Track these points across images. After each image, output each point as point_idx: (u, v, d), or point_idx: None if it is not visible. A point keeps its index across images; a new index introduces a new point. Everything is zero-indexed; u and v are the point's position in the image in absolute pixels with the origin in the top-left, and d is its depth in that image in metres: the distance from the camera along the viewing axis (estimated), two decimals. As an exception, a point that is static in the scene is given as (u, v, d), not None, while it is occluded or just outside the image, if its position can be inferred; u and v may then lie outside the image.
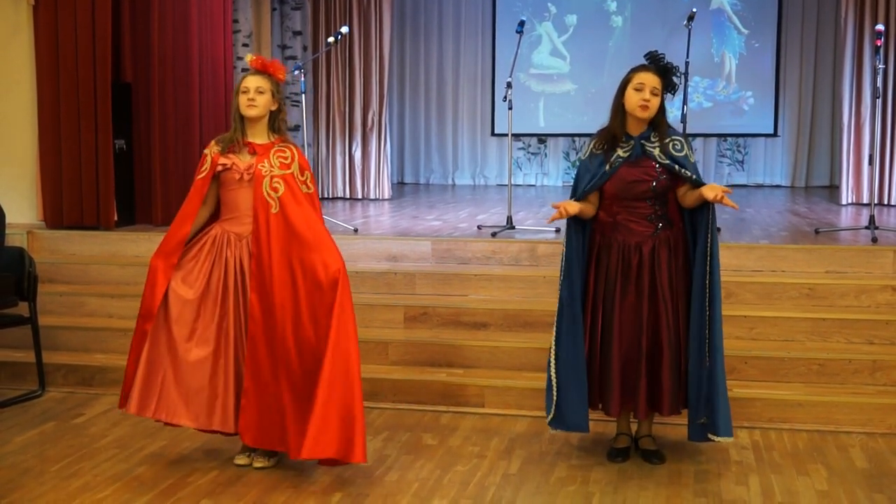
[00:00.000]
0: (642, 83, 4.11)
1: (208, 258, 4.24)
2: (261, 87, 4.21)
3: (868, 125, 8.61)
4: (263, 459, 4.31)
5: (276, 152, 4.23)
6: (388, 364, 5.47)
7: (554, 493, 4.04)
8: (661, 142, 4.17)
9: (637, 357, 4.22)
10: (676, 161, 4.14)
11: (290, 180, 4.19)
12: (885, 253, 5.89)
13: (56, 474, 4.25)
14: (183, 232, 4.24)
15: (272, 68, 4.28)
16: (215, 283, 4.23)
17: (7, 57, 7.21)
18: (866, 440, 4.70)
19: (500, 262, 6.28)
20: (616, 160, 4.17)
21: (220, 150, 4.25)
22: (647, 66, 4.17)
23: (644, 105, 4.10)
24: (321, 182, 9.94)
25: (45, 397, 5.48)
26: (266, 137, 4.28)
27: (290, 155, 4.24)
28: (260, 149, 4.23)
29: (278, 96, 4.28)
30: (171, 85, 7.30)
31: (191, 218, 4.25)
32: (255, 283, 4.14)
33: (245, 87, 4.21)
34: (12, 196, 6.93)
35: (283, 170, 4.20)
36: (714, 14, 10.96)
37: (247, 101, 4.20)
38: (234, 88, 4.33)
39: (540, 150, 11.47)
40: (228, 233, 4.25)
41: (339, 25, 9.49)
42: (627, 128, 4.20)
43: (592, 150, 4.25)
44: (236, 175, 4.20)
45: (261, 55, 4.39)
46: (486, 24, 11.50)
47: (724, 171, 11.02)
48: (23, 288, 5.46)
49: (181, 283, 4.22)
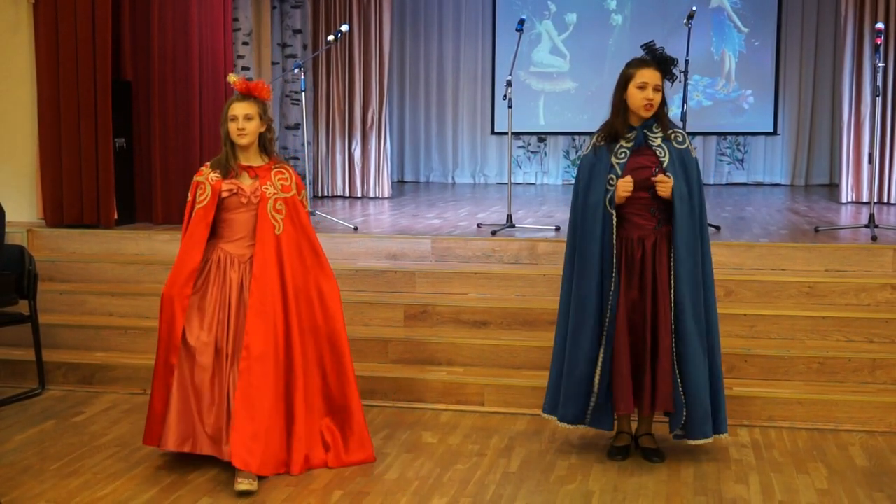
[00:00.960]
0: (645, 82, 4.13)
1: (216, 283, 4.26)
2: (249, 113, 4.22)
3: (868, 123, 8.61)
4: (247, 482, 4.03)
5: (276, 174, 4.29)
6: (388, 362, 5.47)
7: (554, 492, 4.04)
8: (664, 132, 4.19)
9: (642, 353, 4.23)
10: (674, 154, 4.17)
11: (290, 202, 4.27)
12: (885, 251, 5.89)
13: (56, 472, 4.25)
14: (194, 264, 4.24)
15: (256, 91, 4.26)
16: (225, 307, 4.23)
17: (7, 55, 7.20)
18: (866, 438, 4.70)
19: (500, 261, 6.28)
20: (621, 151, 4.19)
21: (219, 177, 4.24)
22: (646, 61, 4.18)
23: (649, 104, 4.14)
24: (321, 181, 9.94)
25: (45, 395, 5.48)
26: (260, 159, 4.31)
27: (288, 176, 4.32)
28: (260, 171, 4.27)
29: (265, 118, 4.29)
30: (171, 83, 7.30)
31: (200, 249, 4.25)
32: (256, 304, 4.16)
33: (233, 116, 4.21)
34: (12, 194, 6.93)
35: (286, 192, 4.27)
36: (714, 12, 10.96)
37: (237, 130, 4.21)
38: (221, 115, 4.29)
39: (540, 149, 11.47)
40: (230, 255, 4.27)
41: (339, 24, 9.48)
42: (630, 120, 4.22)
43: (595, 142, 4.28)
44: (242, 199, 4.23)
45: (243, 77, 4.36)
46: (486, 23, 11.50)
47: (723, 169, 11.02)
48: (23, 286, 5.46)
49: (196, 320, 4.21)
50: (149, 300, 6.03)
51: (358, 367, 5.29)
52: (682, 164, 4.19)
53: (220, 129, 4.29)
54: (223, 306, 4.22)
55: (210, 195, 4.24)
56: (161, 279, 6.21)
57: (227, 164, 4.26)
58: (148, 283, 6.32)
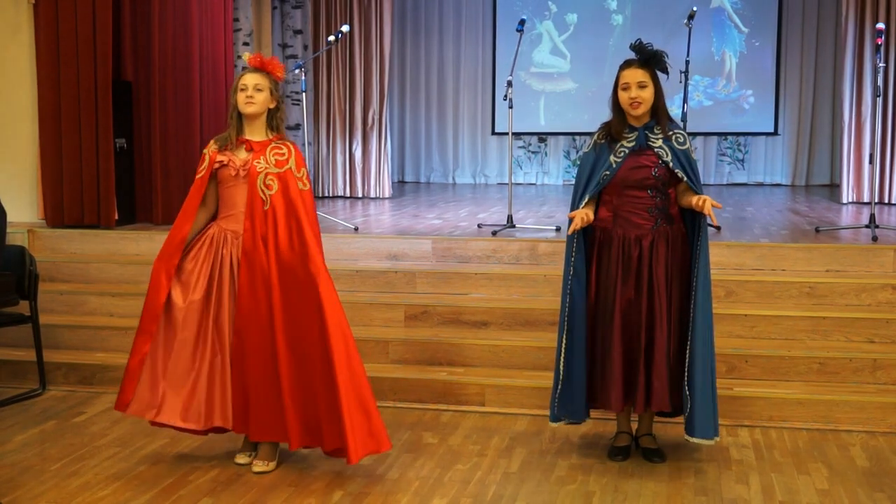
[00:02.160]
0: (627, 82, 4.16)
1: (207, 258, 4.25)
2: (259, 84, 4.20)
3: (868, 124, 8.61)
4: (262, 464, 4.27)
5: (273, 149, 4.24)
6: (389, 363, 5.47)
7: (554, 492, 4.04)
8: (665, 133, 4.19)
9: (637, 351, 4.22)
10: (677, 154, 4.17)
11: (285, 177, 4.18)
12: (886, 251, 5.89)
13: (56, 473, 4.25)
14: (182, 233, 4.25)
15: (270, 66, 4.26)
16: (214, 282, 4.23)
17: (7, 56, 7.21)
18: (867, 439, 4.70)
19: (501, 261, 6.28)
20: (621, 150, 4.19)
21: (217, 148, 4.25)
22: (628, 62, 4.21)
23: (635, 103, 4.15)
24: (322, 181, 9.94)
25: (45, 396, 5.48)
26: (264, 135, 4.27)
27: (286, 152, 4.24)
28: (256, 146, 4.23)
29: (276, 94, 4.27)
30: (171, 83, 7.30)
31: (190, 218, 4.25)
32: (245, 280, 4.15)
33: (243, 85, 4.20)
34: (13, 194, 6.93)
35: (279, 167, 4.20)
36: (714, 12, 10.96)
37: (245, 98, 4.18)
38: (232, 86, 4.30)
39: (540, 149, 11.47)
40: (225, 231, 4.25)
41: (339, 24, 9.49)
42: (629, 120, 4.23)
43: (596, 140, 4.28)
44: (232, 171, 4.20)
45: (260, 53, 4.37)
46: (486, 23, 11.50)
47: (724, 169, 11.02)
48: (23, 286, 5.46)
49: (181, 290, 4.22)
50: (149, 300, 6.04)
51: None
52: (689, 165, 4.18)
53: (230, 101, 4.27)
54: (212, 281, 4.21)
55: (206, 166, 4.25)
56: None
57: (230, 135, 4.24)
58: (148, 283, 6.30)
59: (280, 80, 4.32)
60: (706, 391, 4.19)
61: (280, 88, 4.37)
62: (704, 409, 4.19)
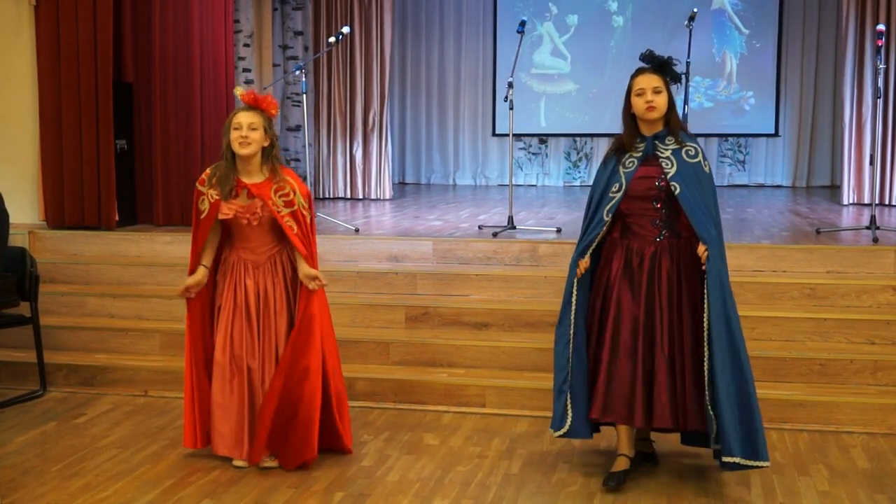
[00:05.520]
0: (642, 88, 4.10)
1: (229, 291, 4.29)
2: (253, 122, 4.14)
3: (869, 125, 8.61)
4: (269, 459, 4.33)
5: (277, 190, 4.19)
6: (390, 364, 5.47)
7: (555, 494, 4.04)
8: (677, 144, 4.13)
9: (634, 365, 4.09)
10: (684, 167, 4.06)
11: (296, 217, 4.21)
12: (887, 253, 5.89)
13: (57, 474, 4.25)
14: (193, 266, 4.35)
15: (264, 104, 4.20)
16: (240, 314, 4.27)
17: (8, 57, 7.21)
18: (868, 440, 4.70)
19: (501, 263, 6.28)
20: (630, 160, 4.15)
21: (219, 196, 4.19)
22: (641, 69, 4.17)
23: (650, 107, 4.08)
24: (322, 182, 9.95)
25: (46, 397, 5.48)
26: (260, 175, 4.22)
27: (290, 190, 4.21)
28: (256, 189, 4.18)
29: (270, 132, 4.21)
30: (172, 85, 7.30)
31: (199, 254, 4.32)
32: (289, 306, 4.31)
33: (237, 124, 4.14)
34: (14, 196, 6.91)
35: (289, 207, 4.20)
36: (715, 14, 10.96)
37: (240, 138, 4.12)
38: (224, 125, 4.22)
39: (541, 151, 11.47)
40: (245, 261, 4.28)
41: (340, 25, 9.49)
42: (641, 130, 4.18)
43: (607, 153, 4.24)
44: (243, 221, 4.20)
45: (252, 90, 4.32)
46: (487, 24, 11.50)
47: (725, 171, 11.01)
48: (24, 288, 5.46)
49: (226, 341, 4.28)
50: (150, 302, 6.04)
51: (359, 369, 5.33)
52: (696, 181, 4.06)
53: (222, 140, 4.20)
54: (239, 313, 4.25)
55: (208, 210, 4.23)
56: (162, 281, 6.27)
57: (227, 177, 4.18)
58: (149, 284, 6.32)
59: (273, 118, 4.26)
60: (734, 408, 3.92)
61: (274, 125, 4.32)
62: (737, 426, 3.91)
